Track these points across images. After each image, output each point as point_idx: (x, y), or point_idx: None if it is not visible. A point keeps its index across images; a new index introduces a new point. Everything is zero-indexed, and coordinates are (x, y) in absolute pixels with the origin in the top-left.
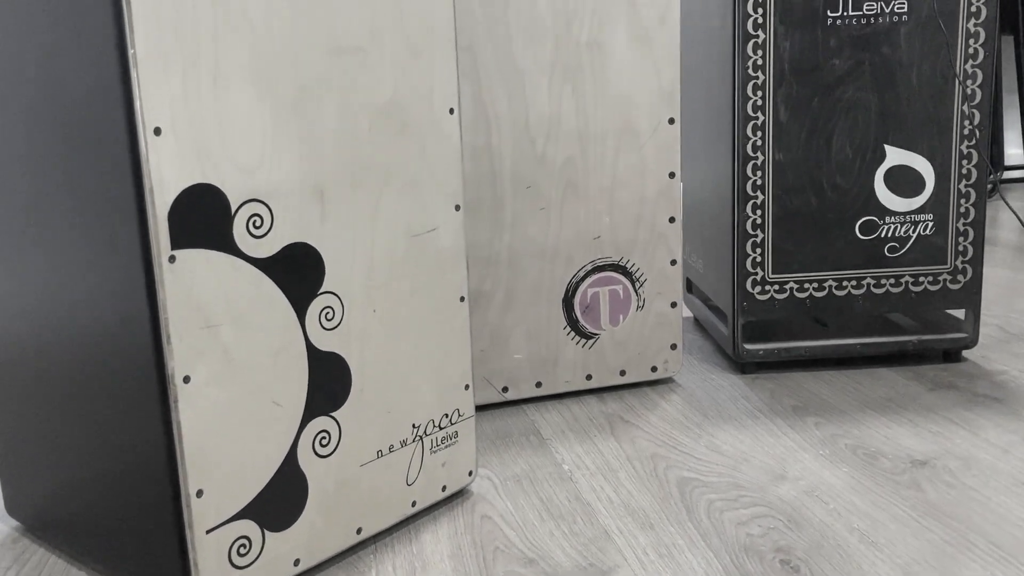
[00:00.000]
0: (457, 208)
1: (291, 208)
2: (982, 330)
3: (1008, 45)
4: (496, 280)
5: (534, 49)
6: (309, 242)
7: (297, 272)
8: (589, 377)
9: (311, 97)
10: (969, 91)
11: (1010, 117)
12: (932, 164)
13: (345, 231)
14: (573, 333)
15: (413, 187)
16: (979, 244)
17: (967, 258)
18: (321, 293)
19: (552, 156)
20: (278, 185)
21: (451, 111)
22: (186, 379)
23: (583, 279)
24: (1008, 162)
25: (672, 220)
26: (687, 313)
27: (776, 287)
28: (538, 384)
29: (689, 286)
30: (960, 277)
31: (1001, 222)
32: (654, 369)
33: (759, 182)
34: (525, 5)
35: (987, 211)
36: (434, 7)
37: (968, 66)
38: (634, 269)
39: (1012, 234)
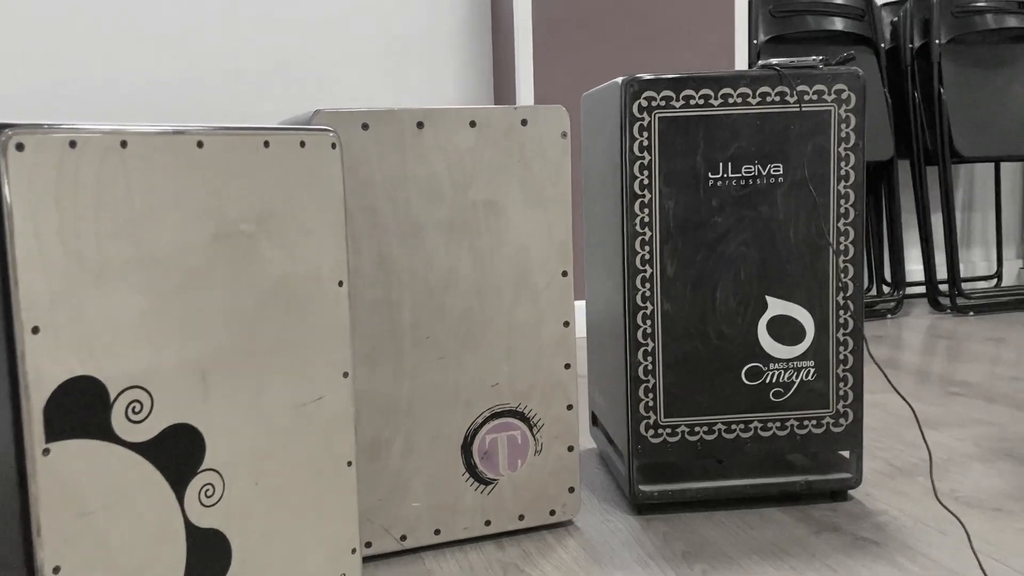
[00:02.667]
0: (345, 375)
1: (172, 391)
2: (871, 464)
3: (905, 168)
4: (395, 429)
5: (432, 208)
6: (190, 422)
7: (177, 453)
8: (488, 523)
9: (196, 283)
10: (842, 247)
11: (910, 236)
12: (811, 314)
13: (228, 408)
14: (472, 479)
15: (300, 359)
16: (859, 389)
17: (848, 402)
18: (202, 471)
19: (451, 308)
20: (159, 371)
21: (340, 283)
22: (56, 569)
23: (482, 425)
24: (909, 278)
25: (568, 366)
26: (592, 445)
27: (668, 430)
28: (437, 531)
29: (595, 419)
30: (842, 420)
31: (905, 343)
32: (552, 513)
33: (649, 330)
34: (422, 168)
35: (892, 330)
36: (323, 186)
37: (840, 224)
38: (532, 415)
39: (914, 357)
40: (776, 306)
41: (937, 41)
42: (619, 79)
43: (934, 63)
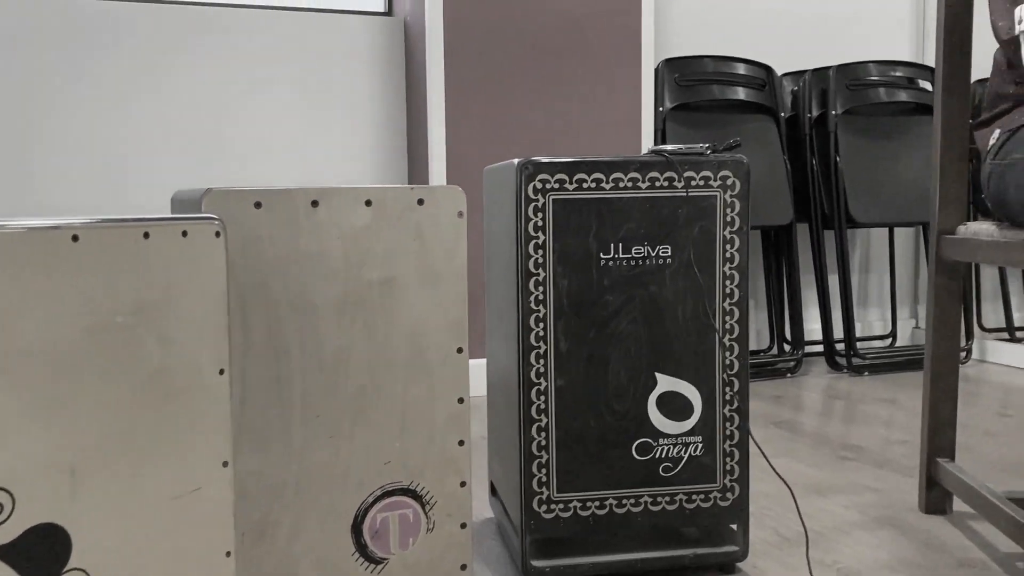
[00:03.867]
0: (225, 464)
1: (36, 490)
2: (760, 533)
3: (804, 231)
4: (282, 510)
5: (326, 286)
6: (56, 521)
7: (38, 554)
8: None
9: (67, 377)
10: (728, 326)
11: (809, 296)
12: (699, 390)
13: (98, 504)
14: (362, 559)
15: (177, 450)
16: (744, 464)
17: (734, 477)
18: (67, 571)
19: (343, 385)
20: (22, 470)
21: (221, 372)
22: None
23: (373, 504)
24: (809, 337)
25: (462, 443)
26: (490, 514)
27: (561, 506)
28: None
29: (493, 489)
30: (729, 495)
31: (803, 403)
32: None
33: (543, 406)
34: (316, 246)
35: (792, 390)
36: (206, 275)
37: (726, 304)
38: (424, 492)
39: (811, 419)
40: (665, 382)
41: (833, 112)
42: (515, 160)
43: (831, 132)
